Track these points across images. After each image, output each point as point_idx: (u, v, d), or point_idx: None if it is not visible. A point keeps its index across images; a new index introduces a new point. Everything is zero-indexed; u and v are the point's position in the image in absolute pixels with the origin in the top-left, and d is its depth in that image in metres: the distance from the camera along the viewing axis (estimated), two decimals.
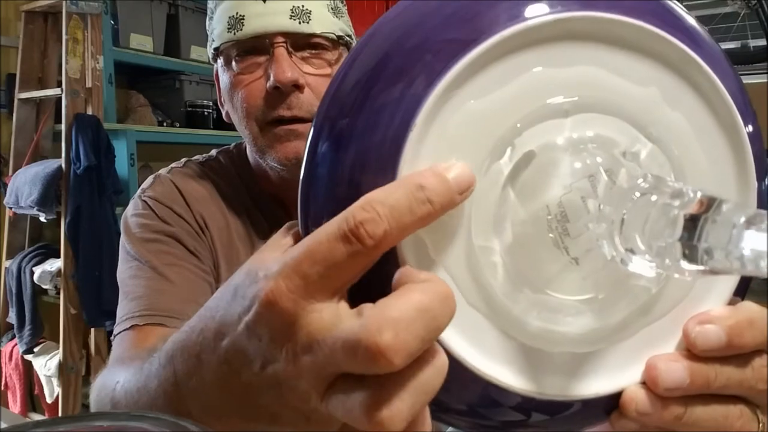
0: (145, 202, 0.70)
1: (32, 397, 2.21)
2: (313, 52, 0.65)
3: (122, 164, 2.06)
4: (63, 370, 1.93)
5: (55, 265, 1.99)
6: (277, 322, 0.23)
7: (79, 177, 1.86)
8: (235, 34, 0.63)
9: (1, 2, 2.17)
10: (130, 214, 0.70)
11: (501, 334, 0.25)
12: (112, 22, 2.21)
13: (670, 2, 0.28)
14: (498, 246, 0.24)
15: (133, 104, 2.35)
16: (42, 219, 2.01)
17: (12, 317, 2.12)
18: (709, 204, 0.20)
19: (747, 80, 3.01)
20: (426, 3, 0.26)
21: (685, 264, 0.21)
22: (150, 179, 0.74)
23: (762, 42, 2.88)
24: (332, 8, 0.67)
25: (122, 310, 0.63)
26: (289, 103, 0.63)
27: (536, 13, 0.24)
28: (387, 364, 0.21)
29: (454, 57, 0.24)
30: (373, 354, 0.21)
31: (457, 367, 0.24)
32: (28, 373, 2.15)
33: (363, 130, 0.25)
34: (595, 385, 0.26)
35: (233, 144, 0.80)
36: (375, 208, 0.22)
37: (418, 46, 0.25)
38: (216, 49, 0.67)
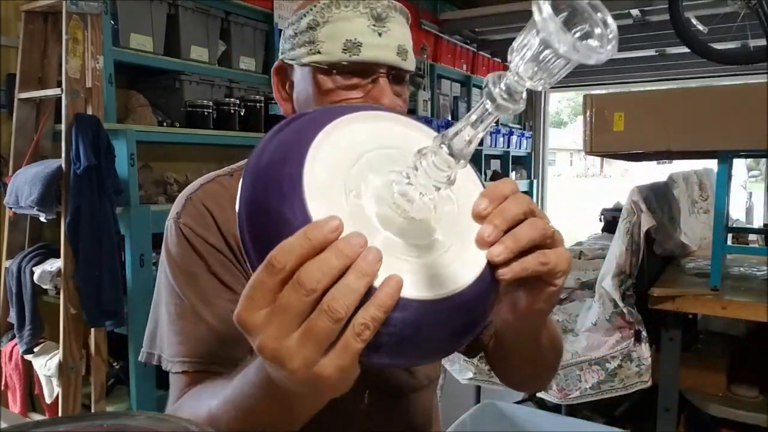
0: (181, 230, 0.75)
1: (32, 397, 2.21)
2: (399, 85, 0.77)
3: (122, 164, 2.07)
4: (63, 370, 1.93)
5: (55, 265, 1.99)
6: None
7: (79, 177, 1.86)
8: (350, 56, 0.72)
9: (1, 2, 2.17)
10: (171, 242, 0.75)
11: (394, 260, 0.41)
12: (112, 22, 2.21)
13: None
14: (367, 204, 0.44)
15: (133, 104, 2.36)
16: (42, 219, 2.01)
17: (12, 317, 2.12)
18: (423, 150, 0.43)
19: (747, 80, 3.00)
20: (284, 134, 0.46)
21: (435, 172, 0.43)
22: (182, 200, 0.77)
23: (762, 42, 2.88)
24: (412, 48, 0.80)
25: (171, 347, 0.72)
26: None
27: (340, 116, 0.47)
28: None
29: (303, 159, 0.43)
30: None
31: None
32: (28, 373, 2.15)
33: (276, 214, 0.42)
34: (467, 276, 0.44)
35: None
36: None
37: (287, 158, 0.44)
38: (319, 62, 0.74)
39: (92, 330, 1.99)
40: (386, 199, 0.44)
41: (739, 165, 6.92)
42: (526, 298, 0.51)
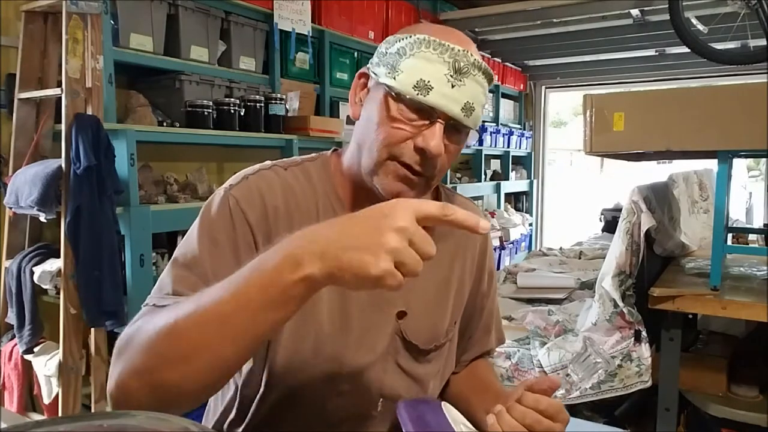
0: (227, 199, 0.80)
1: (32, 397, 2.21)
2: (455, 135, 0.81)
3: (122, 164, 2.06)
4: (63, 370, 1.93)
5: (55, 265, 1.99)
6: None
7: (79, 177, 1.86)
8: (417, 95, 0.76)
9: (1, 2, 2.17)
10: (212, 207, 0.81)
11: None
12: (112, 22, 2.21)
13: None
14: None
15: (133, 104, 2.35)
16: (42, 219, 2.01)
17: (12, 317, 2.12)
18: None
19: (747, 80, 3.00)
20: None
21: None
22: (239, 177, 0.84)
23: (762, 42, 2.88)
24: (484, 105, 0.82)
25: (161, 288, 0.75)
26: (423, 163, 0.79)
27: None
28: None
29: None
30: None
31: None
32: (27, 373, 2.15)
33: None
34: None
35: (319, 154, 0.92)
36: None
37: None
38: (390, 87, 0.78)
39: (92, 330, 1.99)
40: None
41: (739, 165, 6.91)
42: None
